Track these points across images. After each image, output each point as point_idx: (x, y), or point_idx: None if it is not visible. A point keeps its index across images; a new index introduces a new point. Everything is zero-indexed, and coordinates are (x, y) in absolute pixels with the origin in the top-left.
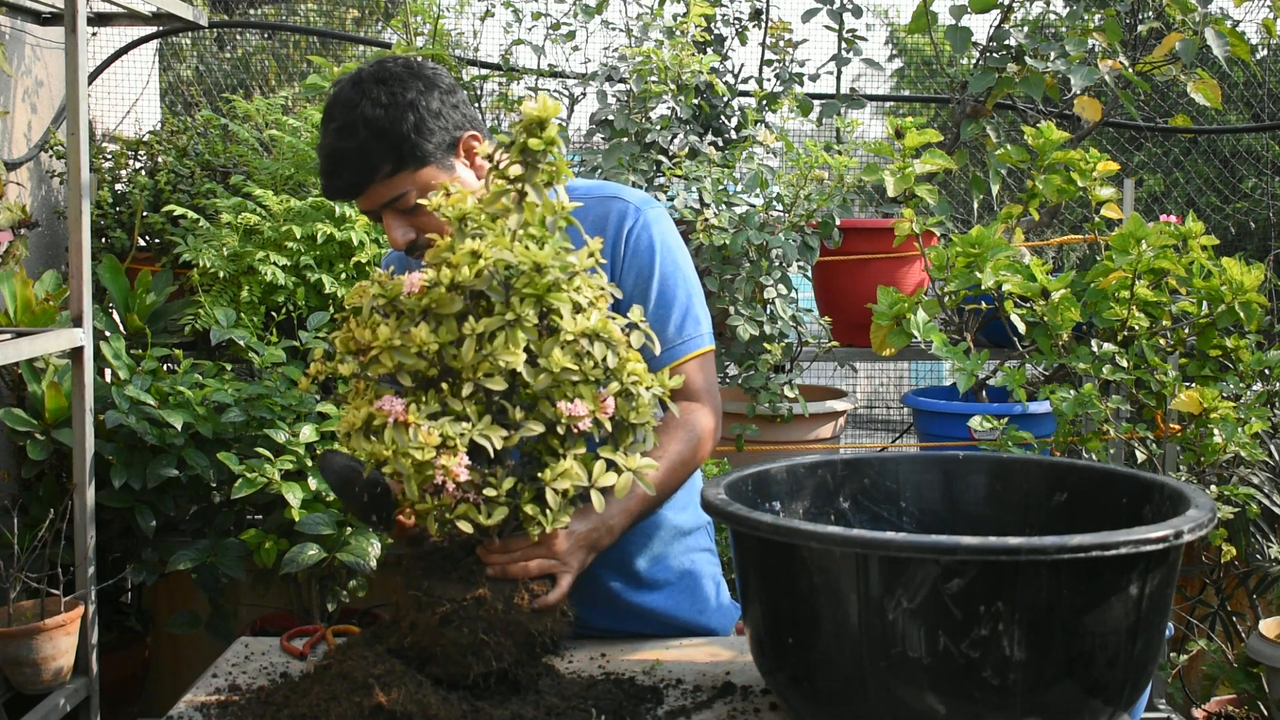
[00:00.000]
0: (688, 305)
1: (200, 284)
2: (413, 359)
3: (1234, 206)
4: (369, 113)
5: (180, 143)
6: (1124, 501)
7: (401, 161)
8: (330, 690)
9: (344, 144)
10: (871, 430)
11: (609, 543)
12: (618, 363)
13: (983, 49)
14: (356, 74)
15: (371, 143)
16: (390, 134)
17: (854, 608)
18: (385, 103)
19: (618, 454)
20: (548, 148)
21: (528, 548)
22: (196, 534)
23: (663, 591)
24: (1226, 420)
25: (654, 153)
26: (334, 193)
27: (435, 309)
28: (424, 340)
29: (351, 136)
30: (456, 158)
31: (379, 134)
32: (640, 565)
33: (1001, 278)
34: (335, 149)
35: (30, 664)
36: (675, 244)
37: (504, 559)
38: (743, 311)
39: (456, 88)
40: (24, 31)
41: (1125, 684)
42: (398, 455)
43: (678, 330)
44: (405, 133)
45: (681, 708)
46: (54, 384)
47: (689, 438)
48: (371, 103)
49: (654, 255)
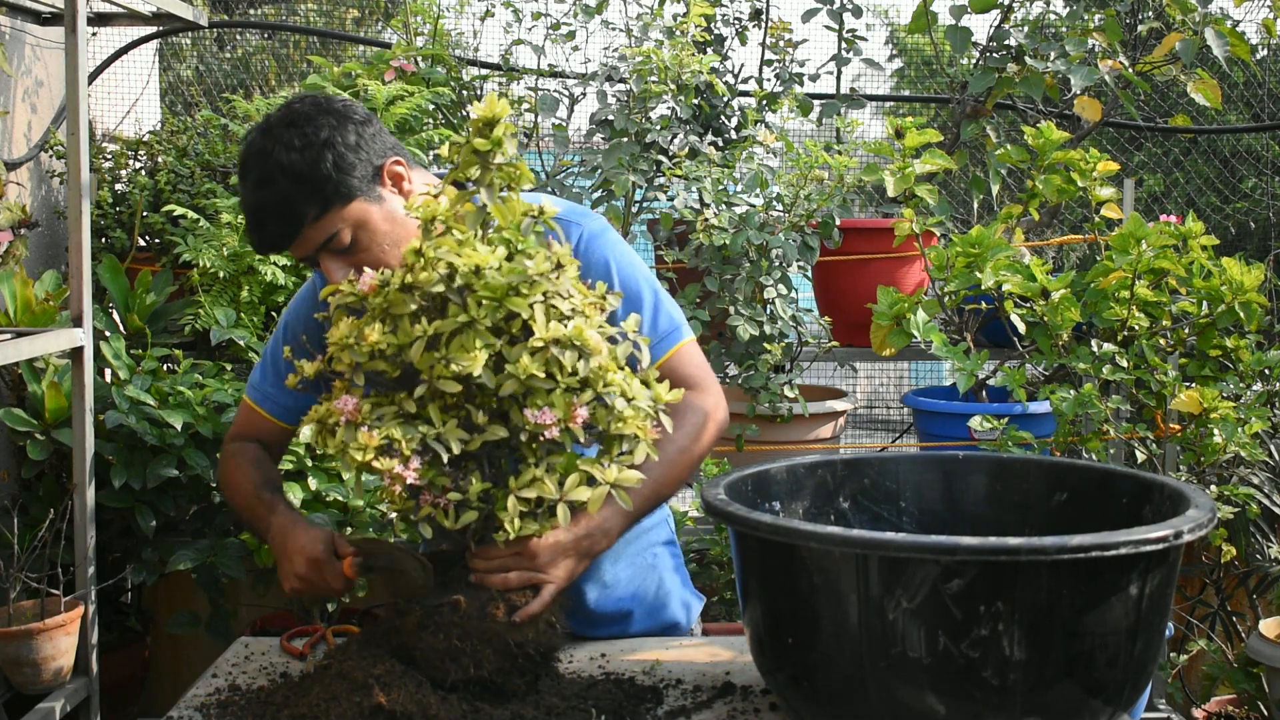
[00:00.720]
0: (655, 304)
1: (200, 284)
2: (364, 359)
3: (1234, 206)
4: (284, 159)
5: (180, 143)
6: (1124, 501)
7: (327, 201)
8: (330, 690)
9: (264, 195)
10: (871, 430)
11: (606, 546)
12: (592, 372)
13: (983, 49)
14: (265, 121)
15: (292, 189)
16: (310, 177)
17: (854, 608)
18: (299, 146)
19: (595, 465)
20: (495, 148)
21: (508, 557)
22: (196, 534)
23: (626, 590)
24: (1226, 420)
25: (654, 153)
26: (264, 246)
27: (390, 310)
28: (375, 341)
29: (270, 186)
30: (383, 186)
31: (298, 179)
32: (605, 566)
33: (1001, 278)
34: (257, 202)
35: (30, 664)
36: (624, 249)
37: (484, 566)
38: (743, 311)
39: (372, 118)
40: (24, 31)
41: (1125, 684)
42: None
43: (652, 330)
44: (326, 173)
45: (681, 708)
46: (54, 384)
47: (689, 425)
48: (285, 148)
49: (608, 264)
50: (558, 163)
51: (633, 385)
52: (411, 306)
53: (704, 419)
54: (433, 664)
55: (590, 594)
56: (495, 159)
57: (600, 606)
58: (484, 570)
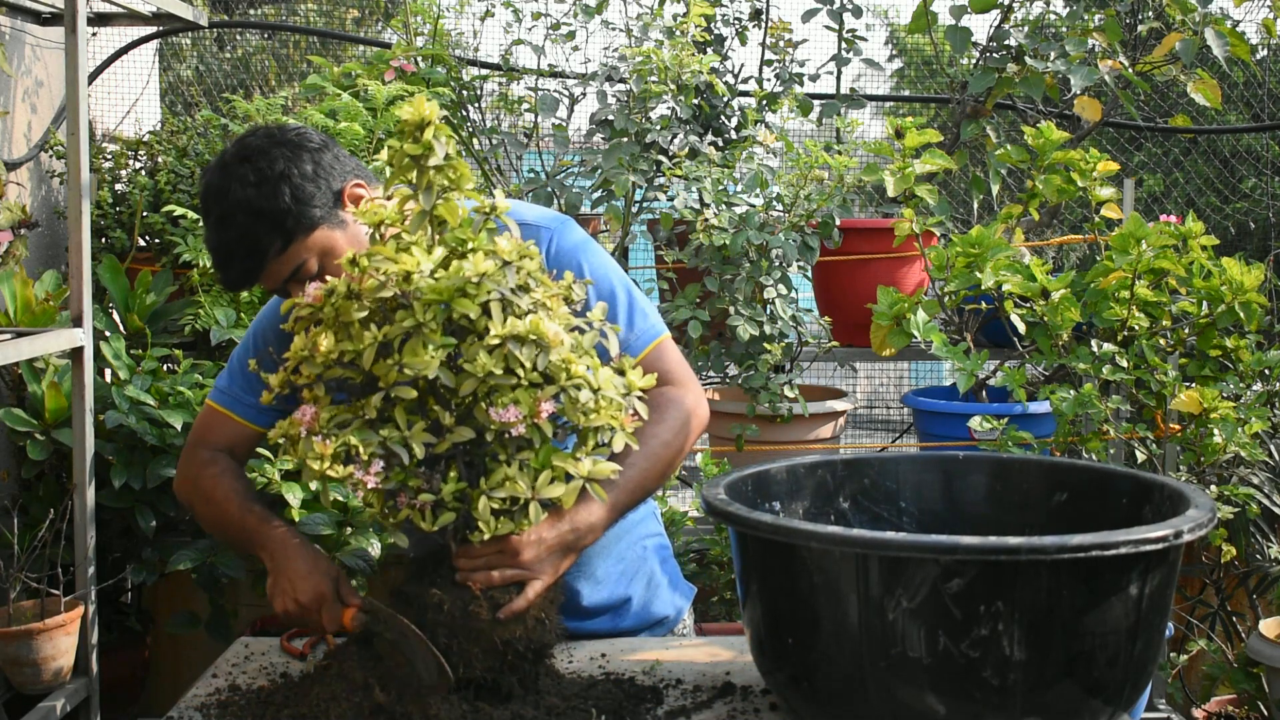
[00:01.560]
0: (630, 302)
1: (200, 284)
2: (320, 369)
3: (1234, 206)
4: (240, 195)
5: (180, 143)
6: (1124, 501)
7: (289, 235)
8: (330, 690)
9: (226, 234)
10: (871, 430)
11: (592, 540)
12: (552, 365)
13: (983, 49)
14: (220, 157)
15: (252, 225)
16: (269, 212)
17: (854, 608)
18: (254, 181)
19: (570, 460)
20: (427, 152)
21: (491, 555)
22: (196, 534)
23: (617, 585)
24: (1226, 420)
25: (654, 153)
26: (233, 284)
27: (340, 318)
28: (327, 350)
29: (231, 225)
30: (344, 209)
31: (258, 215)
32: (597, 563)
33: (1001, 278)
34: (220, 242)
35: (30, 664)
36: (594, 249)
37: (468, 565)
38: (743, 311)
39: (330, 142)
40: (24, 31)
41: (1125, 684)
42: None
43: (628, 327)
44: (285, 206)
45: (681, 708)
46: (54, 384)
47: (671, 419)
48: (240, 184)
49: (580, 266)
50: (558, 163)
51: (600, 375)
52: (360, 314)
53: (686, 415)
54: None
55: (582, 589)
56: (429, 162)
57: (591, 601)
58: (468, 569)
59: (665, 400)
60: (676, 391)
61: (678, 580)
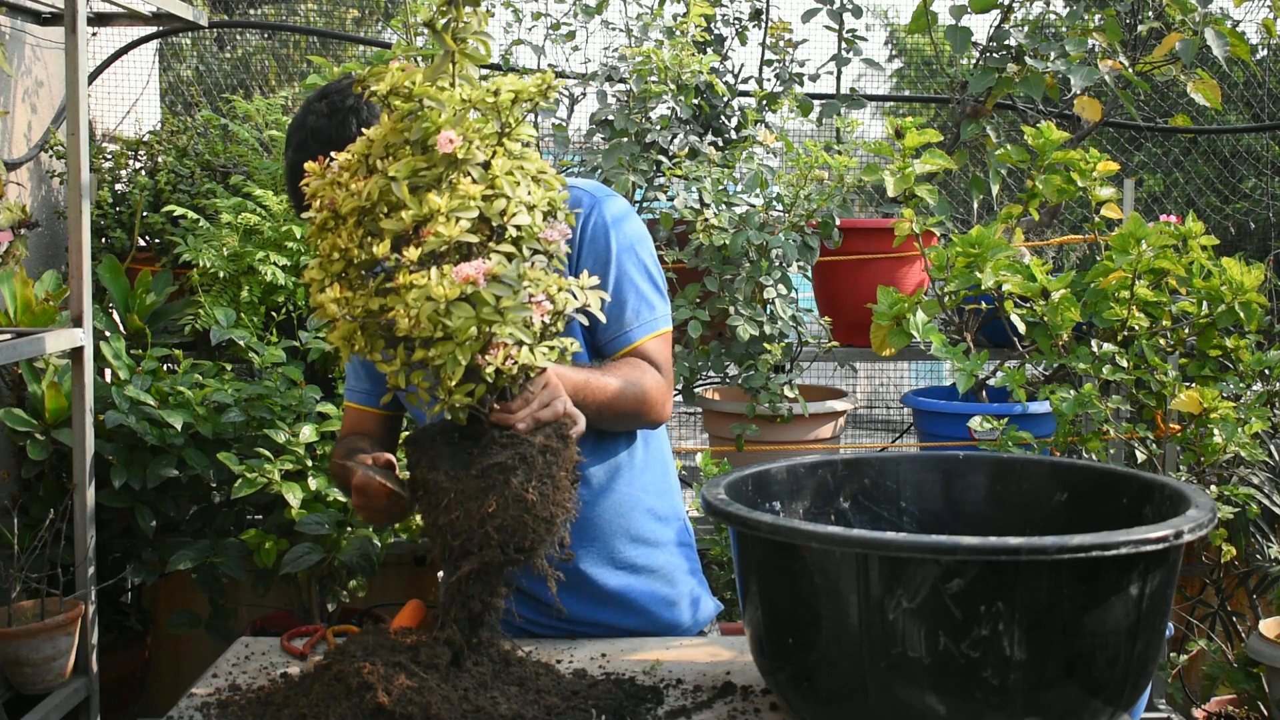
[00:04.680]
0: (643, 292)
1: (200, 284)
2: (356, 212)
3: (1234, 207)
4: (314, 124)
5: (180, 143)
6: (1124, 501)
7: None
8: (330, 690)
9: (300, 158)
10: (871, 430)
11: (583, 403)
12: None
13: (983, 49)
14: (307, 99)
15: (323, 150)
16: (339, 140)
17: (854, 608)
18: (327, 112)
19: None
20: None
21: (522, 400)
22: (196, 534)
23: (639, 577)
24: (1226, 420)
25: (654, 153)
26: (304, 206)
27: (370, 159)
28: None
29: (305, 150)
30: None
31: (328, 141)
32: (617, 545)
33: (1001, 278)
34: (294, 164)
35: (30, 664)
36: (631, 230)
37: (507, 417)
38: (743, 311)
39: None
40: (24, 31)
41: (1125, 684)
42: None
43: (634, 315)
44: (353, 135)
45: (681, 708)
46: (54, 384)
47: (638, 372)
48: (315, 115)
49: (610, 243)
50: (558, 163)
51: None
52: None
53: (648, 388)
54: (478, 534)
55: (599, 569)
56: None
57: (607, 584)
58: (512, 419)
59: (640, 370)
60: (651, 372)
61: (703, 590)
